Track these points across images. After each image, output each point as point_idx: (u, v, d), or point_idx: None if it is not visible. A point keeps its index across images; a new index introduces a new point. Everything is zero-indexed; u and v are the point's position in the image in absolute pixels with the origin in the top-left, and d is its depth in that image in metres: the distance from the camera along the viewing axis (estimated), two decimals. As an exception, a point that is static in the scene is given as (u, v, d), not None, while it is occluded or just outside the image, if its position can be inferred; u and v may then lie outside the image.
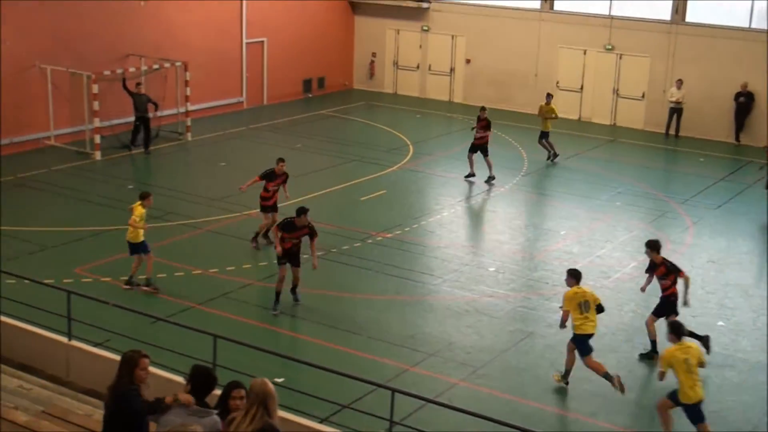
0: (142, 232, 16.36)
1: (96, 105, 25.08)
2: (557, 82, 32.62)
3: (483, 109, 24.54)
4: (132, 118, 26.17)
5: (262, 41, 32.64)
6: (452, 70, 34.92)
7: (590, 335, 13.51)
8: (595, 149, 28.51)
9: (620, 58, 31.48)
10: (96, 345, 13.22)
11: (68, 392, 11.71)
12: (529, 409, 13.15)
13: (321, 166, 25.25)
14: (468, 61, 34.47)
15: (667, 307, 14.69)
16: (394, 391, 10.71)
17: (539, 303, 16.72)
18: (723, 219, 22.04)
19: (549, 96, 26.68)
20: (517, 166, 25.98)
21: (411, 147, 26.97)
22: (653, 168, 26.62)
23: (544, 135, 26.35)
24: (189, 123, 27.57)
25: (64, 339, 13.02)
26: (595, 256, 19.14)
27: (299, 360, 11.80)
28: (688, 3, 30.22)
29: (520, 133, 28.91)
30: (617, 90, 31.66)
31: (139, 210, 16.26)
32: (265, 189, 18.65)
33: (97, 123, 25.20)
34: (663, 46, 30.57)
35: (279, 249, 15.76)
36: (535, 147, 26.90)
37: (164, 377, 11.65)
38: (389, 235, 19.87)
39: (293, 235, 15.82)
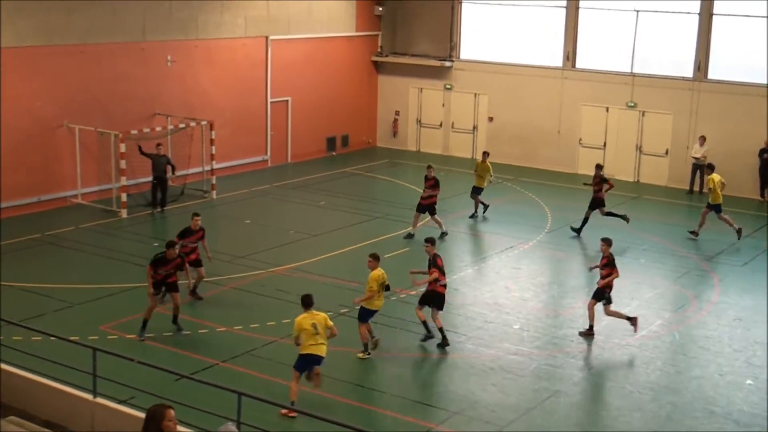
0: None
1: (123, 164, 25.40)
2: (580, 139, 32.74)
3: (430, 167, 24.54)
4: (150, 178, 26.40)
5: (287, 100, 33.01)
6: (475, 127, 35.13)
7: (375, 311, 16.54)
8: (618, 206, 28.39)
9: (643, 115, 31.58)
10: (121, 402, 13.22)
11: (93, 450, 11.70)
12: (556, 468, 13.00)
13: (345, 223, 25.35)
14: (491, 119, 34.67)
15: (600, 293, 17.63)
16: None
17: (564, 361, 16.60)
18: (749, 276, 21.87)
19: (485, 154, 26.89)
20: (541, 223, 25.98)
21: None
22: (678, 225, 26.52)
23: (476, 191, 26.28)
24: (214, 181, 27.81)
25: (89, 396, 13.03)
26: (621, 313, 19.02)
27: (323, 418, 11.71)
28: (710, 60, 30.36)
29: (544, 190, 28.94)
30: (640, 147, 31.70)
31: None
32: (182, 245, 18.33)
33: (123, 181, 25.49)
34: (686, 103, 30.66)
35: (151, 291, 16.80)
36: (558, 204, 26.90)
37: (189, 435, 11.63)
38: (413, 293, 19.83)
39: (167, 267, 16.85)
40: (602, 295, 17.62)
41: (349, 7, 34.91)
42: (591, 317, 17.72)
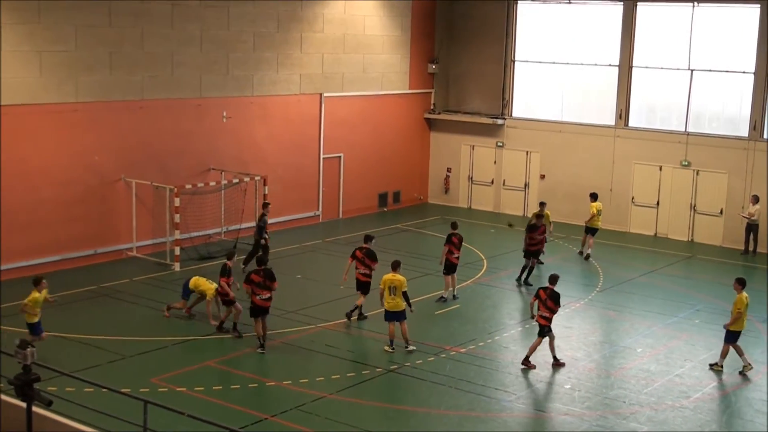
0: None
1: (177, 217, 25.76)
2: (632, 198, 32.54)
3: (455, 225, 24.40)
4: (212, 231, 26.64)
5: (339, 156, 33.32)
6: (527, 185, 35.11)
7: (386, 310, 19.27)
8: (671, 266, 28.16)
9: (697, 173, 31.34)
10: (170, 455, 13.28)
11: (141, 503, 11.72)
12: None
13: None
14: (542, 177, 34.65)
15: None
16: None
17: (616, 422, 16.35)
18: (807, 339, 21.42)
19: (542, 204, 27.21)
20: (593, 282, 25.77)
21: (485, 261, 26.98)
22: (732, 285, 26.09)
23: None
24: (267, 236, 28.00)
25: (139, 449, 13.09)
26: (674, 374, 18.72)
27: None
28: (766, 119, 30.12)
29: (596, 248, 28.74)
30: (694, 206, 31.41)
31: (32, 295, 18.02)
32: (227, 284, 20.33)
33: (177, 235, 25.83)
34: (741, 162, 30.38)
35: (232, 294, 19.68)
36: (610, 262, 26.68)
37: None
38: (463, 350, 19.75)
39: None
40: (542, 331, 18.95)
41: (403, 65, 35.29)
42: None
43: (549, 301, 18.79)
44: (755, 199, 29.38)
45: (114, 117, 26.06)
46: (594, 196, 26.78)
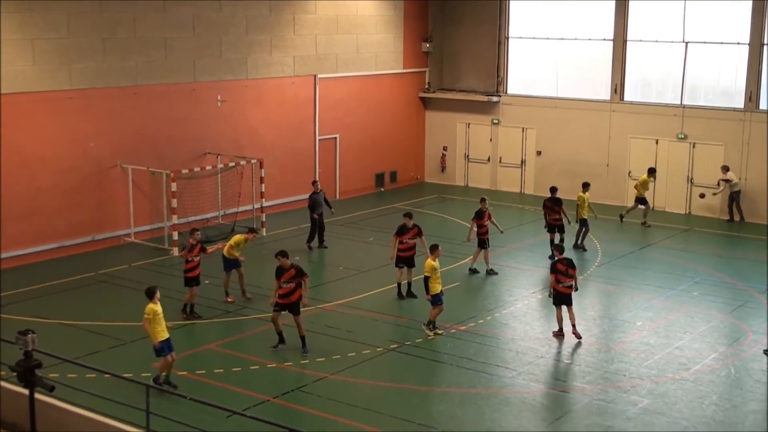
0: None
1: (174, 202, 25.75)
2: (629, 172, 32.54)
3: (483, 200, 24.54)
4: (209, 215, 26.72)
5: (335, 137, 33.29)
6: (523, 162, 35.10)
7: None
8: (669, 239, 28.20)
9: (693, 146, 31.33)
10: (173, 439, 13.34)
11: (146, 486, 11.79)
12: (610, 505, 12.82)
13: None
14: (539, 153, 34.65)
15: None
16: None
17: (616, 395, 16.41)
18: (806, 308, 21.47)
19: (585, 185, 27.00)
20: (591, 257, 25.81)
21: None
22: (731, 257, 26.21)
23: (582, 222, 26.34)
24: (264, 218, 28.06)
25: (142, 433, 13.16)
26: (674, 347, 18.78)
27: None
28: (762, 91, 30.07)
29: (593, 224, 28.75)
30: (691, 178, 31.41)
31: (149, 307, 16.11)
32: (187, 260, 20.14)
33: (174, 220, 25.83)
34: (737, 134, 30.38)
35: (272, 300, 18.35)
36: (608, 237, 26.76)
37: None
38: (463, 328, 19.80)
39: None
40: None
41: (397, 45, 35.20)
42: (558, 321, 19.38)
43: (570, 270, 19.15)
44: (725, 169, 29.64)
45: (108, 103, 26.01)
46: (585, 186, 26.68)
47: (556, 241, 24.90)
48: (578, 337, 18.98)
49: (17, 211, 24.10)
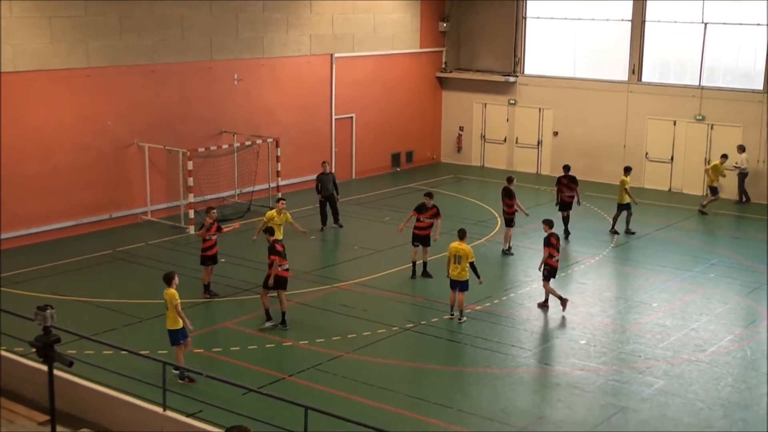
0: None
1: (190, 181, 25.80)
2: (646, 153, 32.40)
3: (510, 179, 24.66)
4: (225, 194, 26.76)
5: (351, 117, 33.25)
6: (540, 142, 34.98)
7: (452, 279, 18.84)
8: (686, 220, 28.10)
9: (711, 128, 31.14)
10: (189, 415, 13.43)
11: (163, 462, 11.89)
12: (624, 485, 12.84)
13: (409, 238, 25.32)
14: (555, 134, 34.52)
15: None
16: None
17: (632, 377, 16.41)
18: (823, 291, 21.38)
19: (627, 169, 26.72)
20: (607, 237, 25.75)
21: (499, 220, 26.92)
22: (748, 239, 26.08)
23: (619, 207, 26.18)
24: (280, 195, 28.02)
25: (159, 409, 13.24)
26: (690, 329, 18.75)
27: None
28: (781, 72, 29.90)
29: (610, 205, 28.66)
30: (709, 160, 31.23)
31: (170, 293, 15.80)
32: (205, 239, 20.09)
33: (191, 198, 25.89)
34: (755, 115, 30.18)
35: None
36: (624, 218, 26.66)
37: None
38: (478, 308, 19.82)
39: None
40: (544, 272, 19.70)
41: (414, 24, 35.07)
42: (547, 293, 19.83)
43: (559, 244, 20.05)
44: (741, 149, 29.59)
45: (125, 82, 26.04)
46: (627, 170, 26.53)
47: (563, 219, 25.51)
48: (564, 306, 19.57)
49: (35, 188, 24.21)
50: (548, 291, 19.76)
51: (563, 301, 19.56)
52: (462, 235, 19.04)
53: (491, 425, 14.50)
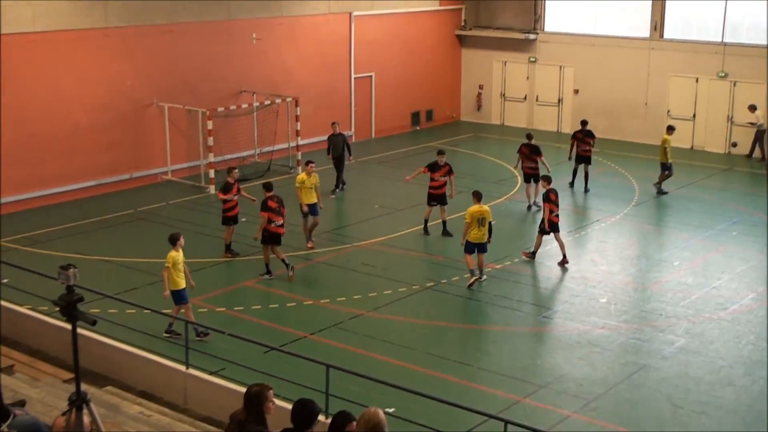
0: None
1: (210, 141, 25.81)
2: (668, 111, 32.12)
3: (530, 135, 25.00)
4: (245, 153, 26.78)
5: (370, 75, 33.10)
6: (560, 100, 34.74)
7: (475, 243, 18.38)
8: (708, 178, 27.91)
9: (734, 85, 30.81)
10: (212, 373, 13.55)
11: (186, 419, 12.02)
12: (644, 442, 12.89)
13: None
14: (576, 92, 34.26)
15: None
16: (506, 422, 10.64)
17: (653, 335, 16.40)
18: None
19: (670, 128, 26.52)
20: (628, 196, 25.63)
21: (519, 178, 26.84)
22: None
23: (661, 167, 25.97)
24: (299, 157, 28.07)
25: (182, 367, 13.38)
26: (711, 287, 18.68)
27: (411, 390, 11.84)
28: (805, 27, 29.47)
29: (631, 163, 28.55)
30: (731, 117, 30.95)
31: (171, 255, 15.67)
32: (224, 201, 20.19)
33: (211, 158, 25.92)
34: (779, 72, 29.83)
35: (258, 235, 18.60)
36: (645, 176, 26.54)
37: (278, 406, 11.81)
38: (498, 266, 19.81)
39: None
40: (542, 228, 19.99)
41: (432, -19, 34.80)
42: (538, 244, 20.26)
43: (558, 199, 20.14)
44: (753, 108, 29.52)
45: (144, 41, 25.98)
46: (670, 129, 26.41)
47: (581, 173, 25.96)
48: (566, 262, 19.80)
49: (56, 149, 24.30)
50: (539, 244, 20.12)
51: (530, 254, 20.17)
52: (480, 197, 18.93)
53: (512, 383, 14.56)
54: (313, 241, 20.91)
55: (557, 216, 19.99)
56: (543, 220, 19.90)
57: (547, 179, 20.50)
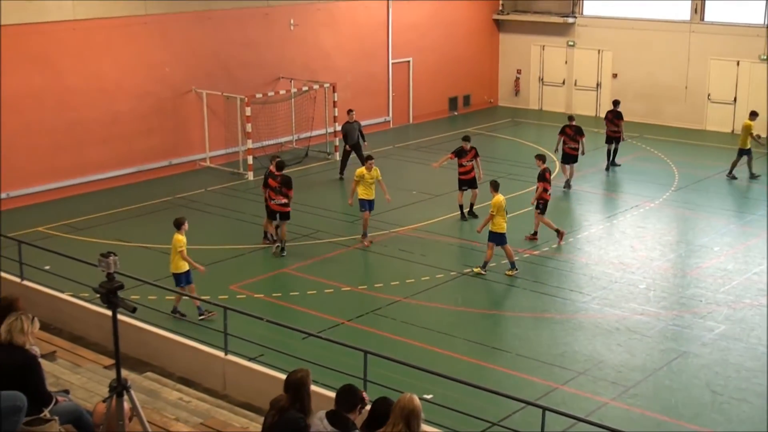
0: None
1: (248, 127, 25.92)
2: (708, 95, 31.74)
3: (572, 118, 25.26)
4: (283, 139, 26.85)
5: (408, 61, 33.03)
6: (599, 84, 34.45)
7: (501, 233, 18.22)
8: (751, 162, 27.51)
9: (776, 68, 30.37)
10: (251, 359, 13.64)
11: (225, 405, 12.09)
12: (684, 430, 12.80)
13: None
14: (615, 76, 33.95)
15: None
16: (545, 409, 10.61)
17: (693, 321, 16.27)
18: None
19: (753, 114, 26.26)
20: (668, 181, 25.39)
21: (557, 164, 26.70)
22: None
23: (739, 152, 25.68)
24: (337, 143, 28.12)
25: (220, 353, 13.48)
26: (752, 273, 18.48)
27: (448, 376, 11.83)
28: None
29: (671, 147, 28.26)
30: (774, 101, 30.49)
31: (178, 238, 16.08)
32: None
33: (249, 144, 26.03)
34: (823, 55, 29.34)
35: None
36: (685, 161, 26.26)
37: (315, 392, 11.86)
38: (537, 253, 19.74)
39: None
40: (538, 206, 20.12)
41: (470, -35, 34.59)
42: (537, 224, 20.40)
43: (551, 178, 20.55)
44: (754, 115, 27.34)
45: (182, 28, 26.12)
46: (753, 114, 26.18)
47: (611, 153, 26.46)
48: (561, 238, 20.09)
49: (97, 136, 24.53)
50: (541, 223, 20.25)
51: (560, 234, 20.06)
52: (498, 186, 18.57)
53: (549, 370, 14.51)
54: (369, 239, 20.56)
55: (549, 194, 20.32)
56: (534, 198, 20.24)
57: (542, 158, 20.65)
